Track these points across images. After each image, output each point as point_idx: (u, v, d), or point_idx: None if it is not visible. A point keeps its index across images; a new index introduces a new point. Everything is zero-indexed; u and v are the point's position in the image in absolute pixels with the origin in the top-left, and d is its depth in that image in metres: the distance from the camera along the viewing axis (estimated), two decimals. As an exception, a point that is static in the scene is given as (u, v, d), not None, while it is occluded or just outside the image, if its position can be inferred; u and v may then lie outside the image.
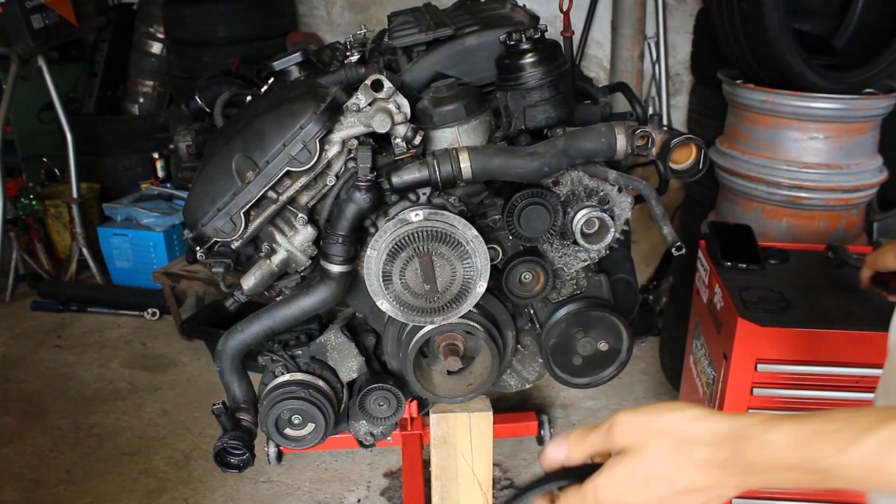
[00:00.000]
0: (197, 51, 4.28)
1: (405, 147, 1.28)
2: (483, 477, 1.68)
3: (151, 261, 4.02)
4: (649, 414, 0.69)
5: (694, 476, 0.67)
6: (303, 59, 1.55)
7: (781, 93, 2.31)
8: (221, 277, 1.39)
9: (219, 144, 1.37)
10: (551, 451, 0.75)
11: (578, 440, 0.74)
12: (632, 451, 0.69)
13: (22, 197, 4.33)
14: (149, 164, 4.50)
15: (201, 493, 2.66)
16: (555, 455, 0.75)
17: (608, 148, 1.24)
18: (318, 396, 1.38)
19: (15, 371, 3.46)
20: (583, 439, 0.73)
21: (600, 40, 4.21)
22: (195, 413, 3.11)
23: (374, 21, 4.34)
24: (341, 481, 2.73)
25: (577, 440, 0.74)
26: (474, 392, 1.44)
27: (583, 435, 0.73)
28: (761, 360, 1.71)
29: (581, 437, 0.74)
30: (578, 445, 0.74)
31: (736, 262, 1.89)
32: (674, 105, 4.10)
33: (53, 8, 4.02)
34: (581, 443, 0.74)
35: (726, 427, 0.66)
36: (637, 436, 0.69)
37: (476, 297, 1.28)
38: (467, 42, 1.43)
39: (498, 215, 1.36)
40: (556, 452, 0.75)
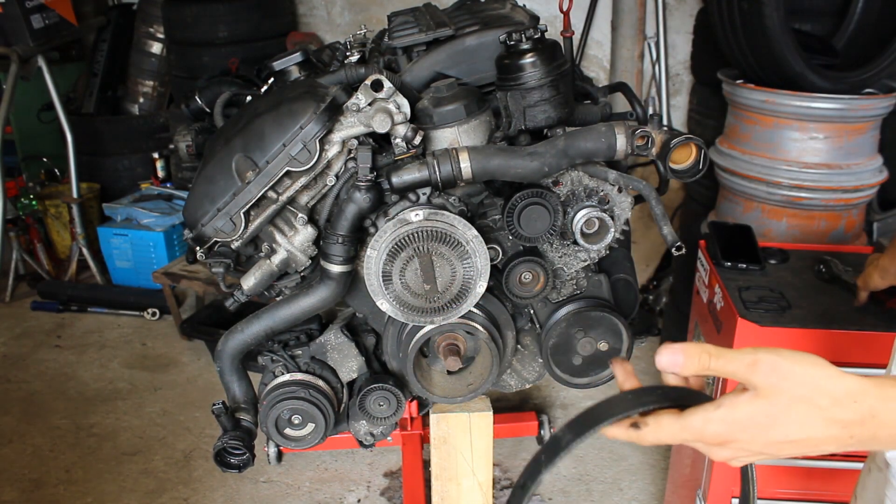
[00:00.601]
0: (197, 51, 4.28)
1: (405, 147, 1.28)
2: (483, 477, 1.68)
3: (151, 261, 4.02)
4: (795, 363, 0.68)
5: (819, 429, 0.67)
6: (303, 59, 1.55)
7: (781, 93, 2.31)
8: (221, 277, 1.39)
9: (219, 144, 1.37)
10: (666, 357, 0.70)
11: (702, 356, 0.69)
12: (767, 394, 0.67)
13: (22, 197, 4.33)
14: (149, 164, 4.51)
15: (201, 493, 2.66)
16: (669, 363, 0.71)
17: (608, 148, 1.24)
18: (318, 396, 1.38)
19: (15, 371, 3.46)
20: (701, 362, 0.69)
21: (600, 40, 4.21)
22: (195, 413, 3.11)
23: (374, 21, 4.34)
24: (341, 481, 2.73)
25: (696, 358, 0.70)
26: (474, 392, 1.44)
27: (703, 356, 0.69)
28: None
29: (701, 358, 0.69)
30: (699, 361, 0.69)
31: (736, 262, 1.89)
32: (674, 105, 4.10)
33: (53, 8, 4.02)
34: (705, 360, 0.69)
35: (862, 389, 0.67)
36: (778, 380, 0.67)
37: (476, 297, 1.28)
38: (467, 42, 1.43)
39: (498, 215, 1.36)
40: (670, 361, 0.70)
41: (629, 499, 2.63)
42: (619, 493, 2.65)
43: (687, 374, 0.71)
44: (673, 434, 0.70)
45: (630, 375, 0.77)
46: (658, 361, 0.71)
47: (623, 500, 2.63)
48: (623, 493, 2.65)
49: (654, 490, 2.65)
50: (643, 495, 2.64)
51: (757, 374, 0.68)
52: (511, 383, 1.56)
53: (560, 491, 2.66)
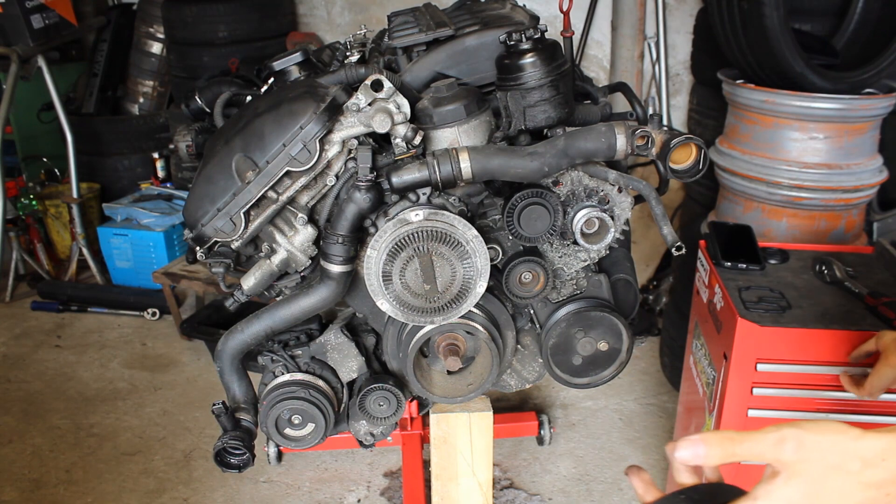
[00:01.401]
0: (197, 51, 4.28)
1: (405, 147, 1.28)
2: (483, 477, 1.69)
3: (151, 261, 4.02)
4: (818, 433, 0.65)
5: (856, 494, 0.65)
6: (303, 59, 1.55)
7: (781, 93, 2.31)
8: (221, 277, 1.39)
9: (219, 144, 1.37)
10: (686, 451, 0.67)
11: (725, 443, 0.66)
12: (799, 471, 0.65)
13: (22, 197, 4.34)
14: (149, 164, 4.51)
15: (201, 493, 2.66)
16: (690, 456, 0.67)
17: (608, 148, 1.24)
18: (318, 396, 1.38)
19: (15, 371, 3.46)
20: (734, 443, 0.66)
21: (600, 40, 4.21)
22: (195, 413, 3.11)
23: (374, 21, 4.34)
24: (341, 481, 2.73)
25: (721, 443, 0.66)
26: (474, 392, 1.44)
27: (732, 439, 0.66)
28: (761, 360, 1.71)
29: (729, 440, 0.66)
30: (722, 450, 0.66)
31: (736, 262, 1.89)
32: (674, 105, 4.10)
33: (53, 8, 4.03)
34: (728, 447, 0.66)
35: (887, 445, 0.65)
36: (807, 453, 0.65)
37: (476, 297, 1.28)
38: (467, 42, 1.43)
39: (498, 215, 1.36)
40: (691, 454, 0.67)
41: (629, 499, 2.63)
42: (619, 493, 2.65)
43: (710, 464, 0.68)
44: None
45: (650, 486, 0.74)
46: (678, 456, 0.67)
47: (623, 500, 2.63)
48: (623, 493, 2.65)
49: (654, 490, 2.65)
50: (643, 495, 2.64)
51: (785, 451, 0.65)
52: (511, 383, 1.56)
53: (560, 491, 2.66)
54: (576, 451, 2.85)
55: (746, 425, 1.82)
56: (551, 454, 2.84)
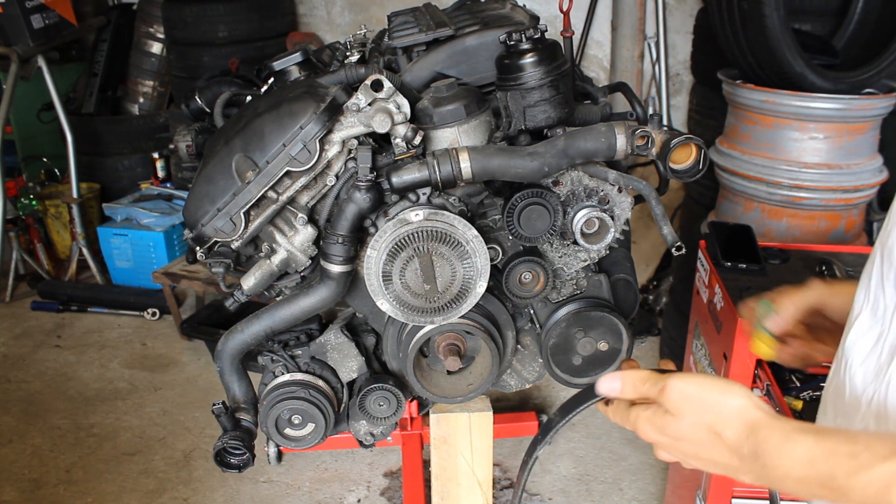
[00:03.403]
0: (197, 51, 4.28)
1: (405, 147, 1.28)
2: (483, 477, 1.68)
3: (151, 261, 4.02)
4: (704, 390, 0.75)
5: (718, 454, 0.74)
6: (303, 59, 1.55)
7: (781, 93, 2.31)
8: (221, 277, 1.39)
9: (219, 144, 1.37)
10: (607, 384, 0.83)
11: (632, 385, 0.81)
12: (674, 415, 0.76)
13: (22, 197, 4.34)
14: (149, 164, 4.51)
15: (201, 493, 2.66)
16: (608, 389, 0.83)
17: (608, 148, 1.24)
18: (318, 396, 1.37)
19: (15, 371, 3.46)
20: (635, 387, 0.81)
21: (600, 40, 4.21)
22: (195, 413, 3.11)
23: (374, 21, 4.34)
24: (341, 481, 2.73)
25: (631, 384, 0.82)
26: (474, 392, 1.44)
27: (637, 382, 0.81)
28: (761, 360, 1.71)
29: (635, 384, 0.81)
30: (630, 389, 0.82)
31: (736, 262, 1.89)
32: (674, 105, 4.11)
33: (53, 8, 4.03)
34: (633, 388, 0.81)
35: (755, 428, 0.71)
36: (682, 404, 0.75)
37: (476, 297, 1.28)
38: (467, 42, 1.43)
39: (498, 215, 1.36)
40: (610, 387, 0.83)
41: (629, 499, 2.63)
42: (619, 493, 2.65)
43: (625, 398, 0.83)
44: (622, 419, 0.83)
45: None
46: (598, 387, 0.84)
47: (623, 500, 2.63)
48: (623, 493, 2.65)
49: (654, 490, 2.65)
50: (643, 495, 2.64)
51: (667, 400, 0.77)
52: (511, 383, 1.56)
53: (560, 491, 2.66)
54: (576, 451, 2.85)
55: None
56: (551, 454, 2.84)
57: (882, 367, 0.78)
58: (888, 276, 0.78)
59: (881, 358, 0.79)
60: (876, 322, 0.80)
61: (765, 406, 0.73)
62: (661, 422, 0.77)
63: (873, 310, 0.81)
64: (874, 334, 0.80)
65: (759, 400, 0.73)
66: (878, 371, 0.78)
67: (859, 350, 0.82)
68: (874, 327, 0.80)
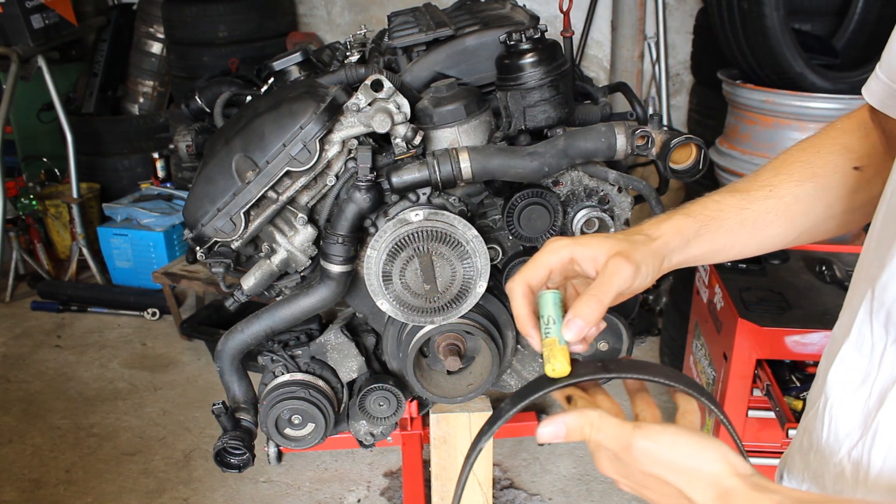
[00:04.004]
0: (197, 51, 4.28)
1: (405, 147, 1.28)
2: (483, 477, 1.68)
3: (151, 261, 4.02)
4: (671, 452, 0.65)
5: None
6: (303, 59, 1.55)
7: (781, 93, 2.31)
8: (221, 277, 1.39)
9: (219, 144, 1.37)
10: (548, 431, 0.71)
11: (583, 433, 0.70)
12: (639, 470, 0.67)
13: (22, 197, 4.34)
14: (149, 164, 4.51)
15: (201, 493, 2.66)
16: (551, 435, 0.71)
17: (608, 148, 1.24)
18: (318, 396, 1.37)
19: (15, 371, 3.46)
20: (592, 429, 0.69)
21: (600, 40, 4.21)
22: (195, 413, 3.11)
23: (374, 21, 4.34)
24: (341, 481, 2.73)
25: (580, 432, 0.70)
26: (474, 392, 1.44)
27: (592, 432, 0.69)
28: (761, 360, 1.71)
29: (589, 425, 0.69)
30: (581, 433, 0.70)
31: (736, 262, 1.90)
32: (674, 105, 4.10)
33: (53, 8, 4.03)
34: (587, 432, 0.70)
35: (728, 497, 0.63)
36: (650, 467, 0.66)
37: (476, 297, 1.28)
38: (467, 42, 1.43)
39: (498, 215, 1.36)
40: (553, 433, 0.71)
41: (629, 499, 2.63)
42: (619, 494, 2.65)
43: (571, 441, 0.72)
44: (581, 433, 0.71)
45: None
46: (539, 435, 0.71)
47: (623, 500, 2.63)
48: (623, 493, 2.65)
49: (654, 490, 2.65)
50: (643, 495, 2.64)
51: (629, 457, 0.67)
52: (511, 383, 1.56)
53: (560, 491, 2.66)
54: (576, 451, 2.85)
55: (746, 425, 1.82)
56: (551, 454, 2.84)
57: (870, 413, 0.71)
58: (877, 314, 0.71)
59: (869, 402, 0.72)
60: (861, 359, 0.73)
61: (744, 469, 0.64)
62: (625, 471, 0.68)
63: (857, 346, 0.74)
64: (859, 374, 0.73)
65: (738, 461, 0.64)
66: (866, 416, 0.72)
67: (843, 388, 0.76)
68: (859, 364, 0.74)
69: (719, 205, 0.84)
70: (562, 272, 0.78)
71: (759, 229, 0.85)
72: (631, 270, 0.73)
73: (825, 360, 0.82)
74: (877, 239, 0.73)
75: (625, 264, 0.73)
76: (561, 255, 0.77)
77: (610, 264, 0.73)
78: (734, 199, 0.84)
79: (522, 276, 0.77)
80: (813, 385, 0.84)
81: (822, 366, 0.83)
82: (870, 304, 0.71)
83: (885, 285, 0.69)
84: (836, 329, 0.80)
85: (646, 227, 0.82)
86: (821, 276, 1.85)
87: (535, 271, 0.77)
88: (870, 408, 0.71)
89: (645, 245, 0.78)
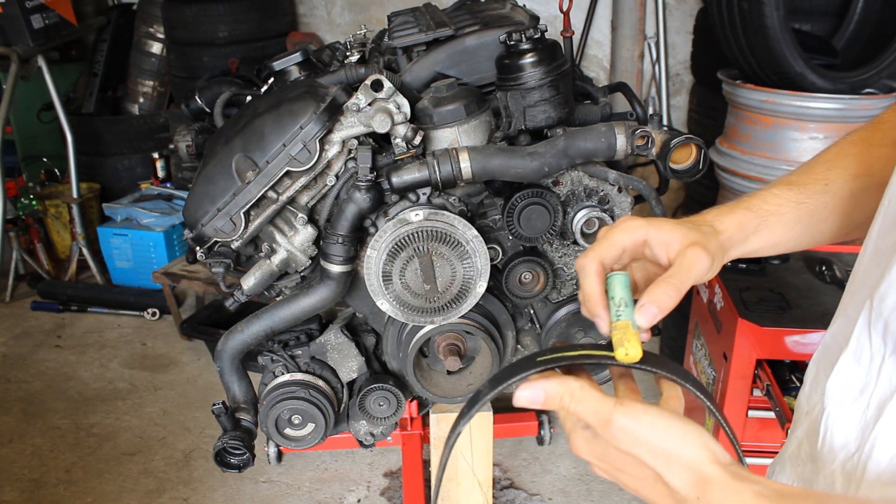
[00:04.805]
0: (197, 51, 4.28)
1: (405, 147, 1.28)
2: (483, 477, 1.68)
3: (151, 261, 4.02)
4: (652, 432, 0.64)
5: (661, 500, 0.65)
6: (303, 59, 1.55)
7: (781, 93, 2.31)
8: (221, 277, 1.39)
9: (219, 144, 1.37)
10: (526, 395, 0.70)
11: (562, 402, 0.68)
12: (616, 449, 0.66)
13: (22, 197, 4.34)
14: (149, 164, 4.51)
15: (201, 493, 2.66)
16: (527, 401, 0.70)
17: (608, 148, 1.24)
18: (318, 396, 1.37)
19: (15, 371, 3.46)
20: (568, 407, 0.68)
21: (600, 40, 4.21)
22: (195, 413, 3.11)
23: (374, 21, 4.34)
24: (341, 481, 2.73)
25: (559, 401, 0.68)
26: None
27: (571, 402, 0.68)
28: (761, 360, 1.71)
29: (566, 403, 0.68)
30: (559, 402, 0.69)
31: (736, 262, 1.90)
32: (674, 105, 4.10)
33: (53, 8, 4.03)
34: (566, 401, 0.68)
35: (706, 484, 0.62)
36: (629, 446, 0.65)
37: (476, 297, 1.28)
38: (467, 42, 1.43)
39: (498, 215, 1.36)
40: (531, 397, 0.70)
41: (629, 499, 2.63)
42: (619, 493, 2.65)
43: (547, 409, 0.70)
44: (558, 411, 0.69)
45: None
46: (516, 398, 0.70)
47: (623, 499, 2.63)
48: (623, 493, 2.65)
49: (654, 490, 2.65)
50: (643, 495, 2.64)
51: (608, 434, 0.65)
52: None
53: (560, 491, 2.66)
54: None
55: (746, 425, 1.82)
56: (551, 454, 2.84)
57: (868, 424, 0.69)
58: (875, 324, 0.69)
59: (867, 414, 0.70)
60: (860, 369, 0.72)
61: (724, 458, 0.63)
62: (601, 451, 0.67)
63: (856, 355, 0.72)
64: (858, 383, 0.72)
65: (719, 450, 0.63)
66: (864, 428, 0.70)
67: (841, 398, 0.74)
68: (857, 374, 0.72)
69: (778, 199, 0.82)
70: (633, 253, 0.76)
71: (814, 224, 0.84)
72: (708, 262, 0.72)
73: (817, 367, 0.80)
74: (873, 248, 0.71)
75: (704, 255, 0.71)
76: (635, 235, 0.74)
77: (689, 253, 0.71)
78: (792, 194, 0.83)
79: (595, 253, 0.74)
80: (802, 393, 0.83)
81: (813, 372, 0.81)
82: (868, 313, 0.70)
83: (883, 295, 0.68)
84: (830, 337, 0.78)
85: (709, 217, 0.80)
86: (821, 276, 1.85)
87: (608, 249, 0.74)
88: (867, 419, 0.70)
89: (714, 237, 0.76)
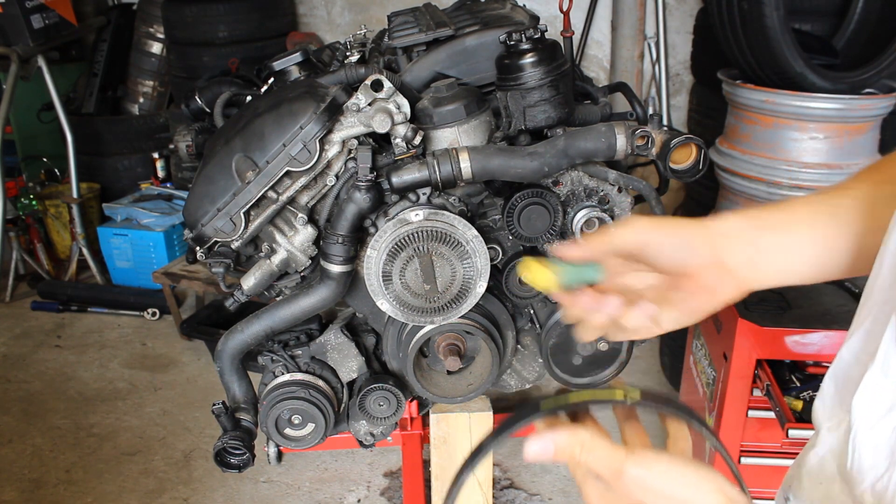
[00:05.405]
0: (197, 51, 4.28)
1: (405, 147, 1.28)
2: (483, 477, 1.68)
3: (151, 261, 4.02)
4: (665, 482, 0.64)
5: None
6: (303, 59, 1.55)
7: (781, 93, 2.31)
8: (221, 277, 1.39)
9: (219, 144, 1.37)
10: (536, 448, 0.70)
11: (572, 453, 0.68)
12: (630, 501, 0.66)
13: (22, 197, 4.33)
14: (149, 164, 4.51)
15: (201, 493, 2.66)
16: (537, 454, 0.70)
17: (608, 148, 1.24)
18: (318, 396, 1.38)
19: (15, 371, 3.46)
20: (579, 459, 0.68)
21: (600, 40, 4.21)
22: (195, 413, 3.11)
23: (374, 21, 4.34)
24: (341, 481, 2.73)
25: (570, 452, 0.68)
26: (474, 392, 1.44)
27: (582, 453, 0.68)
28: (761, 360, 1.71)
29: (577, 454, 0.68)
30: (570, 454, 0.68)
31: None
32: (674, 105, 4.10)
33: (53, 8, 4.03)
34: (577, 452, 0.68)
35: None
36: (642, 496, 0.64)
37: (476, 297, 1.28)
38: (467, 42, 1.43)
39: (498, 215, 1.36)
40: (540, 452, 0.70)
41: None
42: (619, 493, 2.65)
43: (557, 461, 0.69)
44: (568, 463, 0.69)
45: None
46: (526, 453, 0.69)
47: (623, 500, 2.63)
48: (623, 493, 2.65)
49: (654, 490, 2.65)
50: (643, 495, 2.64)
51: (620, 485, 0.64)
52: (511, 383, 1.56)
53: (560, 491, 2.66)
54: (576, 451, 2.85)
55: (746, 425, 1.82)
56: (551, 454, 2.84)
57: None
58: None
59: None
60: (888, 384, 0.70)
61: (741, 501, 0.62)
62: (614, 500, 0.66)
63: (884, 370, 0.69)
64: (887, 400, 0.70)
65: (734, 493, 0.62)
66: (893, 448, 0.68)
67: (869, 415, 0.71)
68: (886, 391, 0.70)
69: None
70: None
71: None
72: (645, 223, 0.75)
73: (835, 383, 0.78)
74: (893, 262, 0.69)
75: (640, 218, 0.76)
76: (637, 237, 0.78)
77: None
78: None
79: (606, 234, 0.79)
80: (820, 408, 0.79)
81: (831, 389, 0.78)
82: (894, 329, 0.68)
83: None
84: (848, 352, 0.75)
85: None
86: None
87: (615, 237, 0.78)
88: None
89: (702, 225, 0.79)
